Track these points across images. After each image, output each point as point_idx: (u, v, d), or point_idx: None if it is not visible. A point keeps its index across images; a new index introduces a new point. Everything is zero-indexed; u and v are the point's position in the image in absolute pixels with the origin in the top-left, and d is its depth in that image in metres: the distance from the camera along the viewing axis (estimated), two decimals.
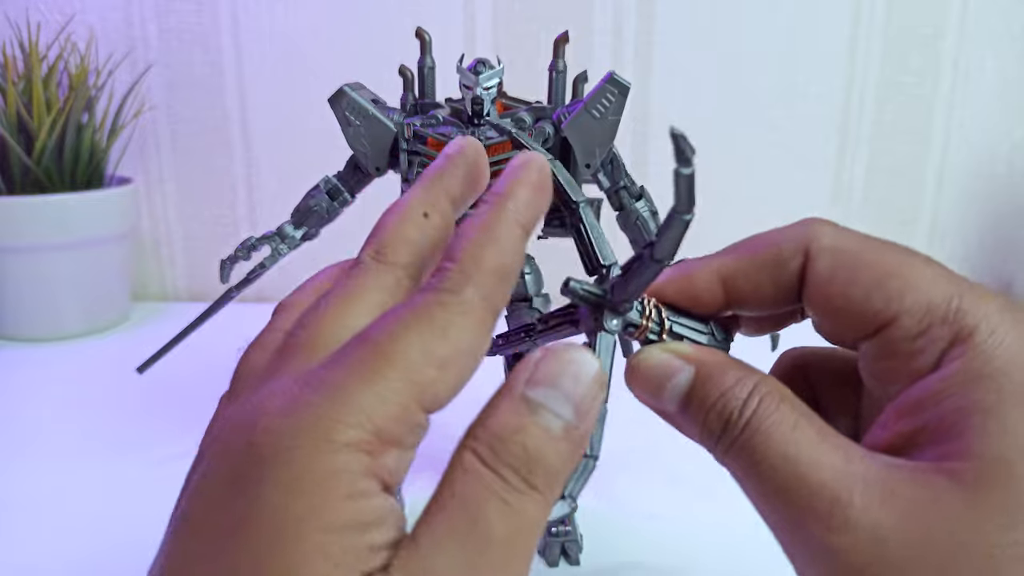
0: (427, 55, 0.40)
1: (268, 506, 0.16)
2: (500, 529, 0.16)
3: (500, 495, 0.17)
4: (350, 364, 0.17)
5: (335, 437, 0.16)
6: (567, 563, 0.39)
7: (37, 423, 0.55)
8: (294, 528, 0.16)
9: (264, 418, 0.17)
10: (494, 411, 0.18)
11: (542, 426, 0.17)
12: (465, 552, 0.16)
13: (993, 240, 0.85)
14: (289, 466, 0.16)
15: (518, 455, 0.17)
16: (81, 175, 0.72)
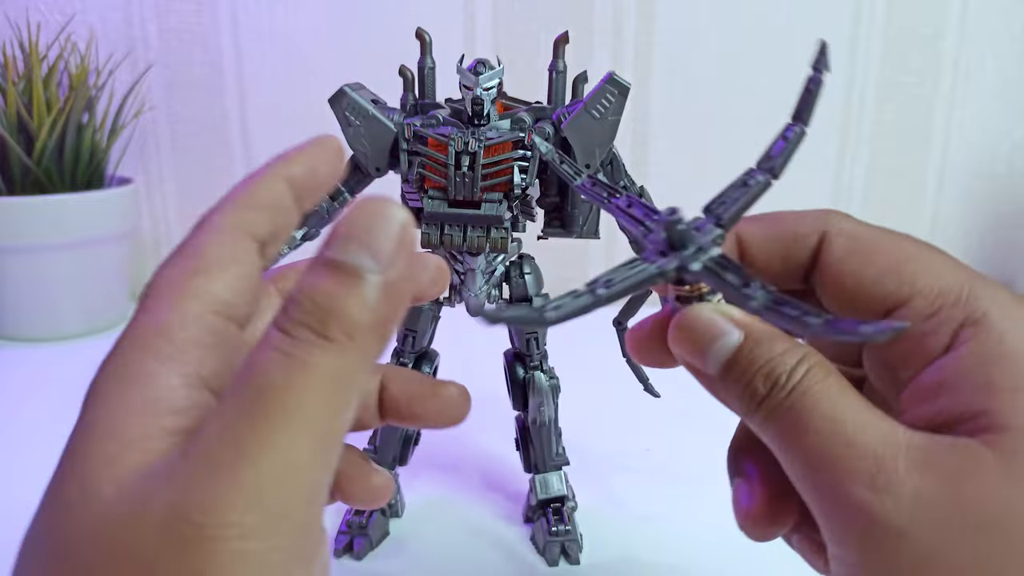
0: (427, 55, 0.40)
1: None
2: (275, 379, 0.16)
3: (280, 348, 0.17)
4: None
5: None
6: (567, 563, 0.39)
7: (37, 423, 0.55)
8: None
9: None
10: (288, 276, 0.21)
11: (337, 279, 0.17)
12: (241, 405, 0.16)
13: (993, 240, 0.85)
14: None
15: (308, 310, 0.17)
16: (81, 175, 0.72)
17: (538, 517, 0.41)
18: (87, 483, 0.17)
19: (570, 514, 0.40)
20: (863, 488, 0.18)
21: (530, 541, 0.41)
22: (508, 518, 0.43)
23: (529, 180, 0.38)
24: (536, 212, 0.41)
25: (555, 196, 0.41)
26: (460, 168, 0.37)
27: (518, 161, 0.37)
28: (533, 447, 0.41)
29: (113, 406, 0.19)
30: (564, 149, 0.39)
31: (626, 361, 0.43)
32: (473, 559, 0.40)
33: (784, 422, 0.20)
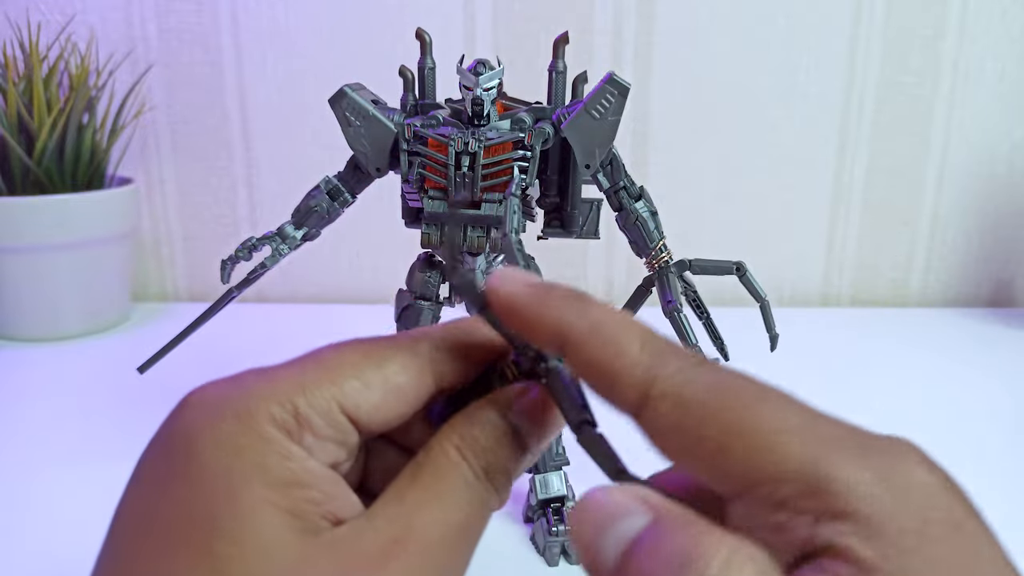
0: (427, 56, 0.40)
1: (212, 463, 0.18)
2: (466, 508, 0.20)
3: (469, 481, 0.20)
4: (290, 363, 0.21)
5: (258, 408, 0.19)
6: (567, 563, 0.39)
7: (37, 423, 0.55)
8: (240, 482, 0.18)
9: (195, 394, 0.20)
10: (481, 423, 0.21)
11: (512, 445, 0.21)
12: (447, 527, 0.19)
13: (993, 240, 0.86)
14: (218, 433, 0.19)
15: (490, 460, 0.21)
16: (82, 175, 0.72)
17: (538, 517, 0.41)
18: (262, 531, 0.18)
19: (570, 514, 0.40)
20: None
21: (530, 541, 0.41)
22: (508, 518, 0.43)
23: (529, 180, 0.38)
24: (536, 212, 0.41)
25: (555, 196, 0.41)
26: (460, 168, 0.37)
27: (518, 161, 0.37)
28: None
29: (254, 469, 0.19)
30: (564, 149, 0.39)
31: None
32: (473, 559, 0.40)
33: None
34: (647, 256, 0.41)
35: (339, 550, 0.18)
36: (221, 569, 0.17)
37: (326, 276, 0.85)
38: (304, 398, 0.19)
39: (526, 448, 0.21)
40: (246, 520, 0.18)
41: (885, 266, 0.86)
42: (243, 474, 0.18)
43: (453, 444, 0.21)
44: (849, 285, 0.87)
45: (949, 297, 0.87)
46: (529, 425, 0.21)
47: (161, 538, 0.18)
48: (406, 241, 0.45)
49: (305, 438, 0.19)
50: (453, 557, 0.20)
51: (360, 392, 0.20)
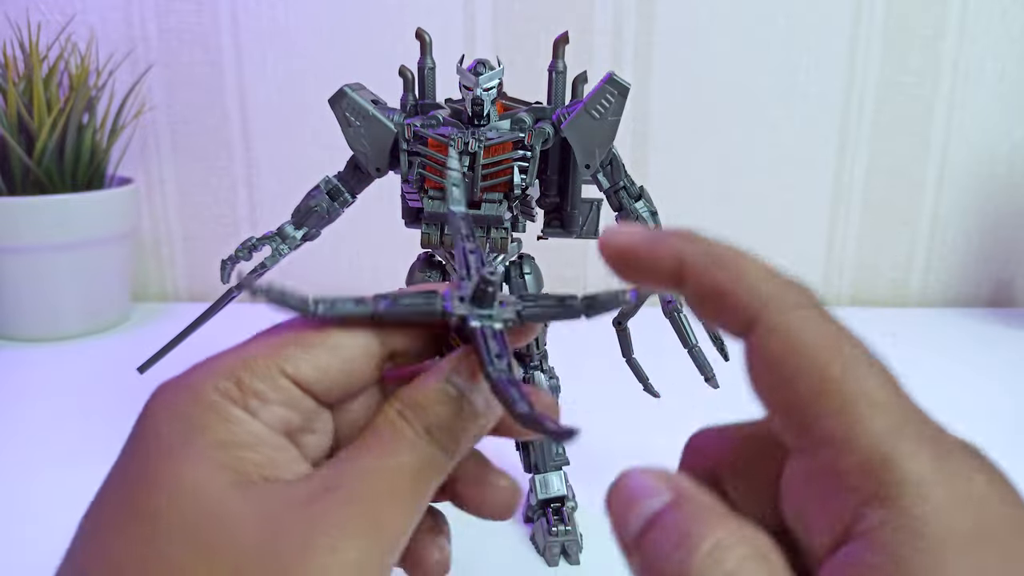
0: (427, 56, 0.40)
1: (154, 432, 0.20)
2: (405, 461, 0.21)
3: (414, 441, 0.21)
4: (238, 343, 0.22)
5: (205, 381, 0.21)
6: (567, 563, 0.39)
7: (37, 423, 0.55)
8: (180, 443, 0.20)
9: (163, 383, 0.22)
10: (422, 387, 0.22)
11: (456, 404, 0.22)
12: (379, 477, 0.20)
13: (993, 240, 0.86)
14: (170, 406, 0.21)
15: (431, 420, 0.21)
16: (82, 175, 0.72)
17: (538, 517, 0.41)
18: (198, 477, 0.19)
19: (570, 514, 0.40)
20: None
21: (530, 541, 0.41)
22: None
23: (529, 180, 0.38)
24: (536, 212, 0.41)
25: (555, 196, 0.41)
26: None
27: (518, 161, 0.37)
28: (533, 447, 0.42)
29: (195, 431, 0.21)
30: (564, 149, 0.39)
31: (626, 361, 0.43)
32: (473, 559, 0.40)
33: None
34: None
35: (266, 497, 0.19)
36: (155, 520, 0.19)
37: (326, 276, 0.85)
38: (245, 367, 0.21)
39: (473, 408, 0.22)
40: (179, 472, 0.19)
41: (885, 266, 0.86)
42: (183, 434, 0.20)
43: (394, 408, 0.22)
44: (849, 285, 0.87)
45: (949, 297, 0.87)
46: (470, 384, 0.22)
47: (107, 506, 0.20)
48: (406, 241, 0.45)
49: (250, 403, 0.20)
50: (387, 508, 0.20)
51: (301, 357, 0.21)
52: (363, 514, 0.19)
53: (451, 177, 0.28)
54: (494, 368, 0.21)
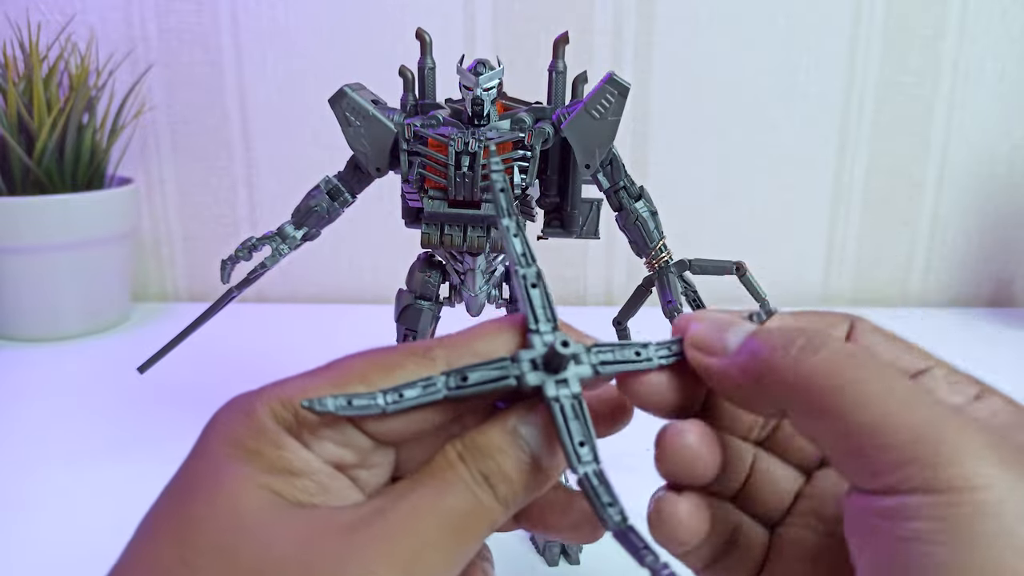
0: (427, 56, 0.40)
1: (207, 450, 0.20)
2: (454, 504, 0.20)
3: (469, 485, 0.20)
4: (309, 370, 0.22)
5: (263, 406, 0.21)
6: (567, 563, 0.39)
7: (37, 423, 0.55)
8: (227, 462, 0.20)
9: (230, 400, 0.22)
10: (485, 431, 0.21)
11: (519, 455, 0.21)
12: (425, 516, 0.20)
13: (993, 240, 0.86)
14: (227, 426, 0.21)
15: (492, 468, 0.21)
16: (82, 175, 0.72)
17: None
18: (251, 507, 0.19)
19: None
20: (916, 471, 0.17)
21: (530, 541, 0.41)
22: None
23: (529, 180, 0.38)
24: (536, 212, 0.41)
25: (555, 196, 0.41)
26: (460, 168, 0.37)
27: (518, 161, 0.37)
28: None
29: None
30: (564, 149, 0.39)
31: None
32: None
33: (824, 381, 0.19)
34: (647, 256, 0.41)
35: (307, 520, 0.19)
36: (191, 526, 0.19)
37: (326, 276, 0.85)
38: (304, 398, 0.20)
39: (537, 462, 0.21)
40: (224, 489, 0.19)
41: (885, 266, 0.86)
42: (234, 456, 0.20)
43: (456, 449, 0.21)
44: (849, 285, 0.87)
45: (949, 297, 0.87)
46: (537, 438, 0.21)
47: (151, 514, 0.20)
48: (406, 241, 0.45)
49: (303, 434, 0.20)
50: (428, 550, 0.19)
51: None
52: (402, 552, 0.19)
53: (496, 182, 0.24)
54: (581, 463, 0.20)
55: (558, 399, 0.21)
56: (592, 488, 0.20)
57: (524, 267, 0.23)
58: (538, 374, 0.21)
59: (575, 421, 0.21)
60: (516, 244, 0.23)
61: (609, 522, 0.20)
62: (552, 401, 0.21)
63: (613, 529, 0.20)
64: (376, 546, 0.19)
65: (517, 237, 0.23)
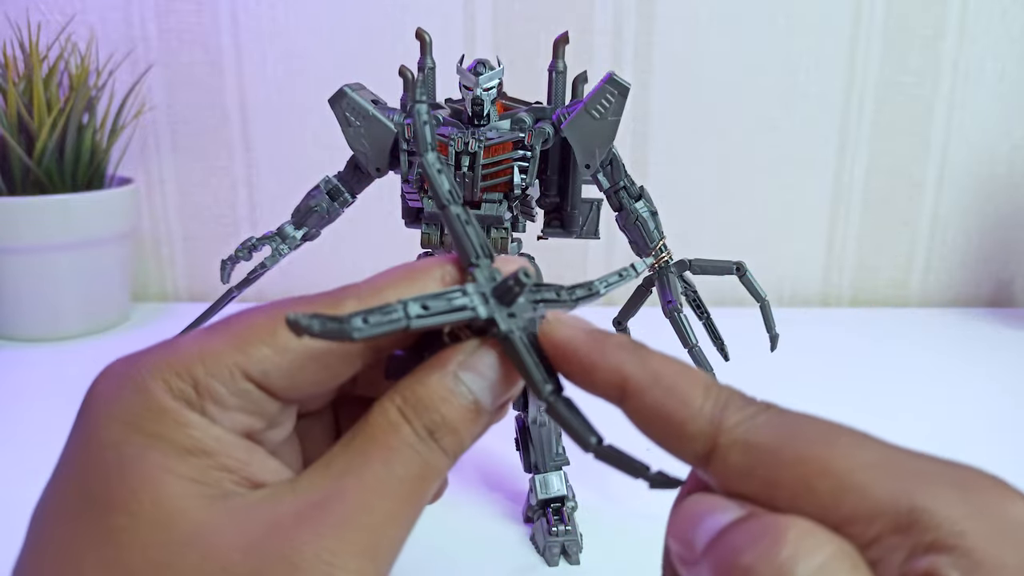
0: (427, 55, 0.40)
1: (107, 441, 0.18)
2: (405, 471, 0.19)
3: (416, 446, 0.19)
4: (198, 330, 0.20)
5: (155, 379, 0.18)
6: (567, 563, 0.39)
7: (37, 423, 0.55)
8: (133, 453, 0.18)
9: (104, 371, 0.19)
10: (425, 382, 0.20)
11: (463, 402, 0.20)
12: (371, 482, 0.18)
13: (993, 240, 0.85)
14: (118, 404, 0.18)
15: (436, 420, 0.19)
16: (82, 175, 0.72)
17: (538, 517, 0.41)
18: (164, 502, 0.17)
19: (570, 514, 0.40)
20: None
21: (530, 541, 0.41)
22: (508, 518, 0.43)
23: (529, 180, 0.38)
24: (536, 212, 0.41)
25: (555, 196, 0.41)
26: (460, 168, 0.37)
27: (518, 161, 0.37)
28: (533, 447, 0.41)
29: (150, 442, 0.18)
30: (564, 149, 0.39)
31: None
32: (473, 559, 0.40)
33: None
34: (647, 256, 0.41)
35: (248, 515, 0.18)
36: (117, 542, 0.17)
37: (326, 276, 0.85)
38: (203, 366, 0.18)
39: (482, 407, 0.20)
40: (140, 490, 0.17)
41: (885, 266, 0.86)
42: (137, 445, 0.18)
43: (395, 404, 0.19)
44: (849, 285, 0.87)
45: (949, 297, 0.87)
46: (488, 387, 0.20)
47: (61, 520, 0.18)
48: (406, 241, 0.45)
49: (207, 407, 0.18)
50: (387, 530, 0.18)
51: (269, 358, 0.19)
52: (361, 536, 0.18)
53: (420, 113, 0.23)
54: (551, 393, 0.20)
55: (512, 331, 0.20)
56: (565, 415, 0.20)
57: (454, 204, 0.22)
58: (488, 307, 0.20)
59: (532, 353, 0.20)
60: (443, 181, 0.22)
61: (589, 444, 0.20)
62: (509, 334, 0.20)
63: (594, 450, 0.20)
64: (332, 536, 0.17)
65: (442, 173, 0.22)
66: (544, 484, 0.41)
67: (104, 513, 0.17)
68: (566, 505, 0.41)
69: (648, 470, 0.20)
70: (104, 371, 0.20)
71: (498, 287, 0.20)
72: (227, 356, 0.19)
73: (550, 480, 0.41)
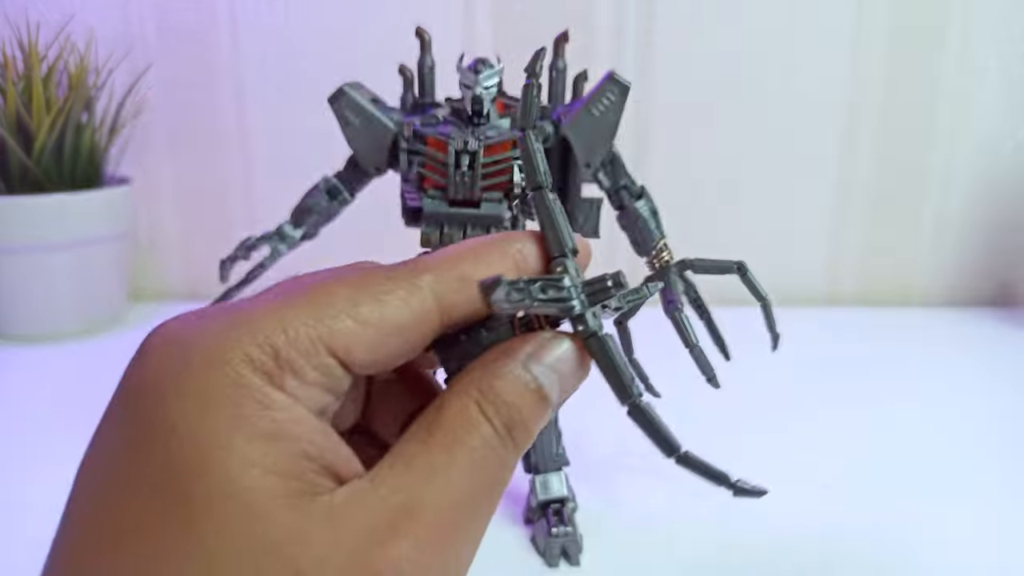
0: (427, 54, 0.40)
1: (179, 423, 0.16)
2: (489, 474, 0.18)
3: (495, 447, 0.18)
4: (269, 295, 0.18)
5: (232, 350, 0.16)
6: (567, 563, 0.39)
7: (34, 422, 0.55)
8: (213, 442, 0.15)
9: (157, 336, 0.17)
10: (503, 376, 0.19)
11: (536, 400, 0.19)
12: (460, 486, 0.18)
13: (996, 240, 0.85)
14: (188, 377, 0.16)
15: (515, 418, 0.19)
16: (80, 175, 0.72)
17: (538, 518, 0.41)
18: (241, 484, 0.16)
19: (570, 515, 0.40)
20: None
21: (530, 542, 0.41)
22: (508, 518, 0.43)
23: None
24: None
25: None
26: (460, 167, 0.37)
27: (518, 160, 0.37)
28: (533, 448, 0.41)
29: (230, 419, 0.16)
30: (564, 148, 0.39)
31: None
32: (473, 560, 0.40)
33: None
34: (648, 255, 0.41)
35: (339, 520, 0.16)
36: (207, 547, 0.15)
37: None
38: (285, 337, 0.17)
39: (549, 405, 0.20)
40: (225, 487, 0.15)
41: (887, 265, 0.86)
42: (216, 432, 0.16)
43: (473, 399, 0.18)
44: (851, 285, 0.86)
45: (952, 297, 0.87)
46: (557, 381, 0.20)
47: (132, 517, 0.16)
48: (405, 241, 0.45)
49: (288, 383, 0.16)
50: (472, 525, 0.18)
51: (352, 332, 0.17)
52: (453, 547, 0.17)
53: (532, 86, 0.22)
54: (634, 396, 0.20)
55: (603, 331, 0.19)
56: (653, 419, 0.20)
57: (549, 188, 0.21)
58: (582, 303, 0.19)
59: (620, 355, 0.19)
60: (540, 161, 0.21)
61: (676, 450, 0.20)
62: (600, 333, 0.19)
63: (680, 457, 0.20)
64: (430, 549, 0.17)
65: (538, 154, 0.21)
66: (544, 485, 0.41)
67: (188, 516, 0.15)
68: (566, 506, 0.40)
69: (729, 478, 0.20)
70: (160, 335, 0.17)
71: (593, 284, 0.20)
72: (309, 327, 0.17)
73: (550, 481, 0.41)
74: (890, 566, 0.38)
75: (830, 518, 0.42)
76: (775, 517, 0.42)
